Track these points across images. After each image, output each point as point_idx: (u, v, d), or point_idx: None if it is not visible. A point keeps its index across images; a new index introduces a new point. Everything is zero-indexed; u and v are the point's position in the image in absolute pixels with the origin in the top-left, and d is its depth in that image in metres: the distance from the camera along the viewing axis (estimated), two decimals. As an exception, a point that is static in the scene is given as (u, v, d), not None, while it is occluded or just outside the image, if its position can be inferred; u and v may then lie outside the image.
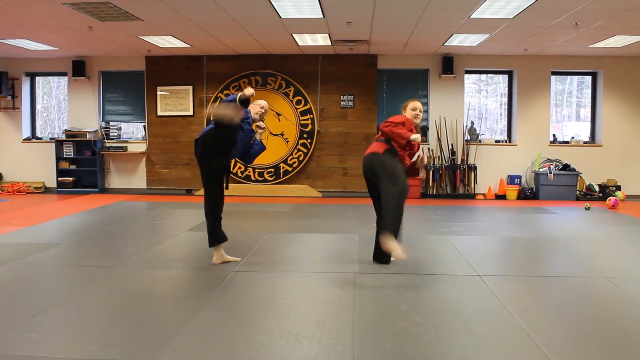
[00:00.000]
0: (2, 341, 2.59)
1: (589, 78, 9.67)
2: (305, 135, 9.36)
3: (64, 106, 11.87)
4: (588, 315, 3.06)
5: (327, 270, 4.06)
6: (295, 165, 9.41)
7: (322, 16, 6.53)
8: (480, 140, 9.43)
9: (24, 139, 9.91)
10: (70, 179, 9.60)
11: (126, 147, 9.70)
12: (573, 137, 9.71)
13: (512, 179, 9.24)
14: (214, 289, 3.54)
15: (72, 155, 9.61)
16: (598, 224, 6.46)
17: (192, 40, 8.11)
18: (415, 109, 4.12)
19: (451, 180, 9.29)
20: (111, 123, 9.86)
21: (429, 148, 9.29)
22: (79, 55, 9.45)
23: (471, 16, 6.47)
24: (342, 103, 9.38)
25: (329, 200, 8.65)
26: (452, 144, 9.30)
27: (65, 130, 9.63)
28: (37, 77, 10.22)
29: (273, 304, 3.21)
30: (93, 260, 4.36)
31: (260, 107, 4.33)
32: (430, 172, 9.20)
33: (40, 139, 10.04)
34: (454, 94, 9.30)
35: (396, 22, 6.85)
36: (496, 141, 9.61)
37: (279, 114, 9.32)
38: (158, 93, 9.56)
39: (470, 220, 6.74)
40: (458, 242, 5.10)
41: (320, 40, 8.01)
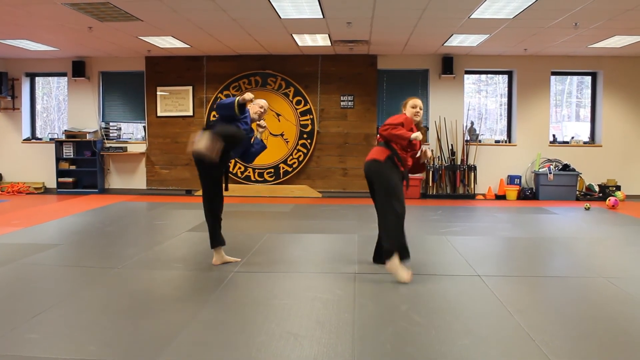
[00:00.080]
0: (2, 341, 2.59)
1: (588, 78, 9.67)
2: (305, 136, 9.36)
3: (63, 107, 11.87)
4: (588, 315, 3.06)
5: (327, 270, 4.06)
6: (295, 166, 9.41)
7: (322, 16, 6.53)
8: (480, 141, 9.42)
9: (24, 140, 9.91)
10: (70, 179, 9.60)
11: (126, 147, 9.69)
12: (573, 137, 9.71)
13: (512, 179, 9.24)
14: (214, 289, 3.54)
15: (72, 156, 9.61)
16: (598, 224, 6.45)
17: (192, 41, 8.10)
18: (415, 106, 4.05)
19: (451, 180, 9.28)
20: (111, 123, 9.86)
21: (429, 148, 9.26)
22: (78, 56, 9.45)
23: (471, 16, 6.47)
24: (342, 103, 9.38)
25: (328, 201, 8.65)
26: (452, 144, 9.30)
27: (65, 130, 9.63)
28: (37, 78, 10.22)
29: (273, 304, 3.21)
30: (93, 261, 4.35)
31: (259, 107, 4.31)
32: (430, 172, 9.21)
33: (40, 139, 10.04)
34: (454, 94, 9.30)
35: (396, 22, 6.85)
36: (496, 141, 9.60)
37: (278, 115, 9.31)
38: (158, 93, 9.56)
39: (470, 220, 6.74)
40: (458, 243, 5.10)
41: (320, 40, 8.00)
